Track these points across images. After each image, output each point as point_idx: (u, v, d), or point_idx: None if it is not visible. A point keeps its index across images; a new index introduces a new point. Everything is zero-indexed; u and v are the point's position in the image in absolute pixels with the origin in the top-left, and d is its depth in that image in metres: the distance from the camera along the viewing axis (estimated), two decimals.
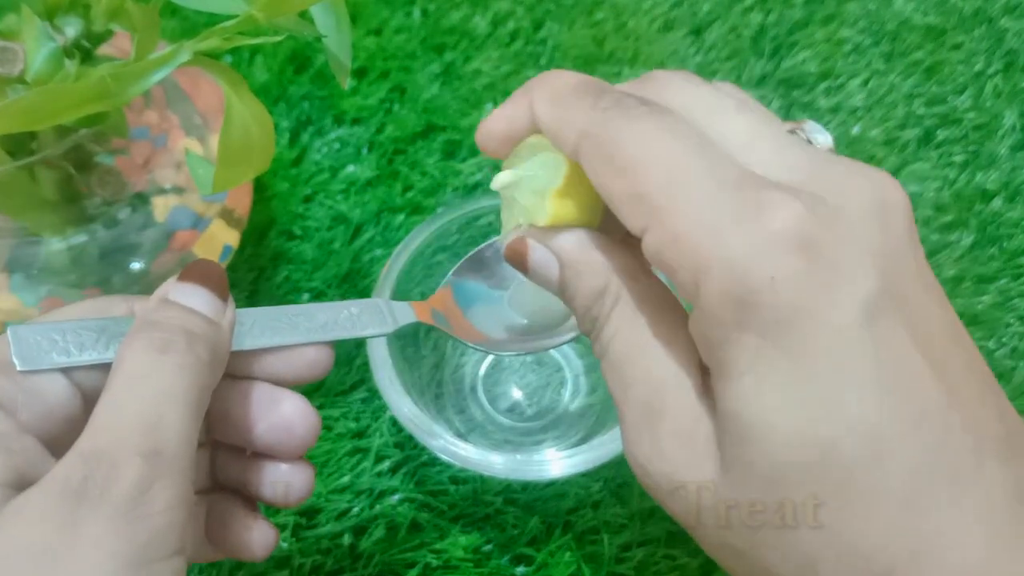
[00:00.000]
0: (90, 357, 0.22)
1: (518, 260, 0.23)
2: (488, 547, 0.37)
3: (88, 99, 0.27)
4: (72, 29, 0.31)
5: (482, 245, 0.31)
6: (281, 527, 0.37)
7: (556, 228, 0.22)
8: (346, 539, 0.37)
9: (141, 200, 0.37)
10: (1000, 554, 0.17)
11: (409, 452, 0.39)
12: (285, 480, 0.26)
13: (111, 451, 0.20)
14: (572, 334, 0.29)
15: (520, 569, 0.37)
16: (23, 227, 0.35)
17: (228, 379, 0.25)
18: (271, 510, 0.37)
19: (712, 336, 0.19)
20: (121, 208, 0.36)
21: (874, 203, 0.19)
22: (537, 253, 0.23)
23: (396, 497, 0.38)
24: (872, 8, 0.55)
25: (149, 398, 0.21)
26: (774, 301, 0.17)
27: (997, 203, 0.47)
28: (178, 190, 0.38)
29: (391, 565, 0.36)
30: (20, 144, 0.32)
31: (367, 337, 0.28)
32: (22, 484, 0.20)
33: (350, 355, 0.41)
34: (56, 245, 0.35)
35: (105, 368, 0.22)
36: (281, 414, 0.25)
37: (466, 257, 0.30)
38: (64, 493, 0.19)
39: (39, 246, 0.35)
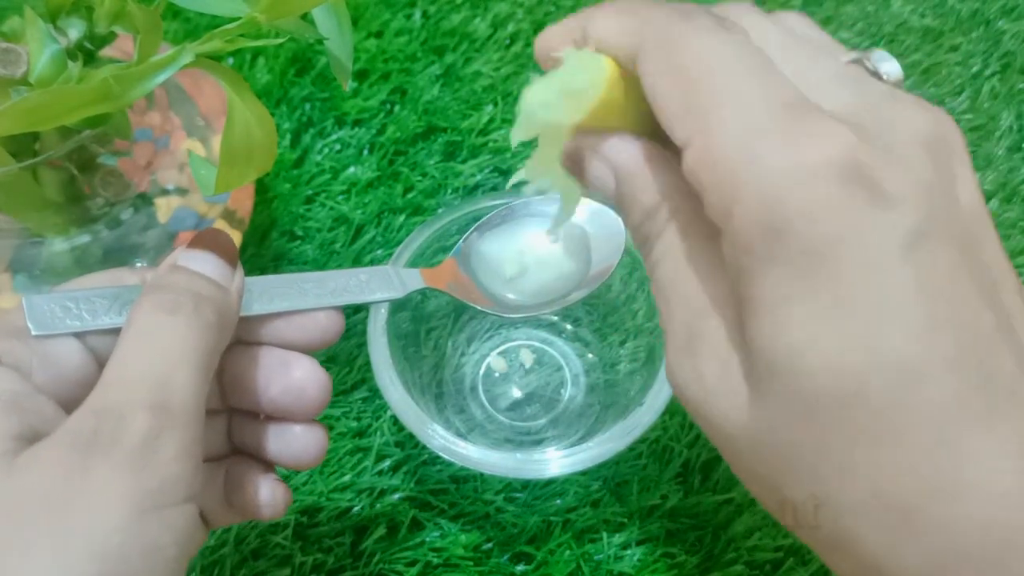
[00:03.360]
0: (102, 323, 0.23)
1: (575, 168, 0.23)
2: (488, 545, 0.37)
3: (91, 101, 0.27)
4: (75, 31, 0.31)
5: (487, 216, 0.31)
6: (282, 526, 0.37)
7: (608, 134, 0.22)
8: (347, 537, 0.37)
9: (144, 201, 0.37)
10: None
11: (410, 451, 0.39)
12: (299, 442, 0.27)
13: (120, 405, 0.20)
14: (575, 297, 0.29)
15: (520, 567, 0.37)
16: (26, 228, 0.35)
17: (241, 345, 0.26)
18: None
19: (741, 266, 0.18)
20: (124, 209, 0.36)
21: (927, 137, 0.19)
22: (594, 167, 0.22)
23: (397, 496, 0.38)
24: (870, 10, 0.55)
25: (157, 356, 0.21)
26: (809, 231, 0.17)
27: (994, 204, 0.47)
28: (181, 191, 0.38)
29: (392, 563, 0.37)
30: (23, 145, 0.32)
31: (377, 301, 0.28)
32: (36, 440, 0.20)
33: (351, 355, 0.42)
34: (59, 246, 0.35)
35: (118, 333, 0.22)
36: (293, 377, 0.26)
37: (473, 228, 0.31)
38: (75, 443, 0.19)
39: (42, 247, 0.35)
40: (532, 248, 0.30)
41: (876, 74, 0.21)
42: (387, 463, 0.39)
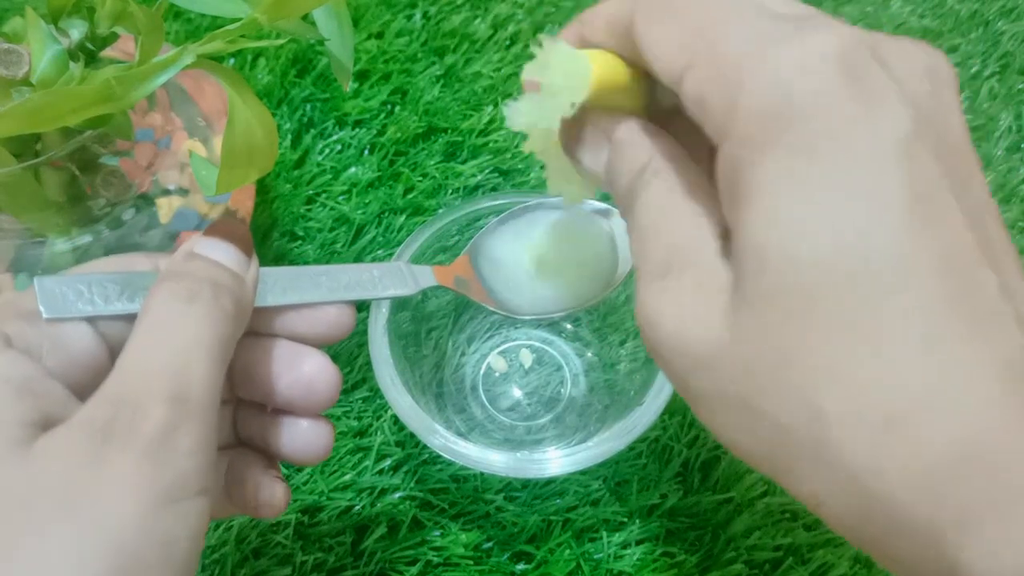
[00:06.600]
0: (115, 308, 0.23)
1: (570, 139, 0.23)
2: (488, 544, 0.37)
3: (92, 101, 0.27)
4: (76, 32, 0.31)
5: (500, 216, 0.31)
6: (283, 525, 0.37)
7: (605, 112, 0.23)
8: (348, 537, 0.37)
9: (145, 201, 0.37)
10: (1012, 399, 0.16)
11: (410, 450, 0.39)
12: (304, 436, 0.26)
13: (137, 395, 0.20)
14: (602, 297, 0.29)
15: (520, 566, 0.37)
16: (28, 228, 0.35)
17: (252, 336, 0.26)
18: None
19: (738, 162, 0.18)
20: (125, 209, 0.36)
21: (924, 62, 0.19)
22: (591, 134, 0.23)
23: (397, 495, 0.38)
24: (869, 11, 0.55)
25: (175, 345, 0.21)
26: (811, 116, 0.17)
27: None
28: (182, 191, 0.38)
29: (392, 562, 0.37)
30: (25, 145, 0.32)
31: (389, 297, 0.28)
32: (48, 426, 0.20)
33: (352, 354, 0.42)
34: (61, 246, 0.36)
35: (130, 319, 0.22)
36: (302, 371, 0.26)
37: (485, 227, 0.31)
38: (91, 433, 0.19)
39: (44, 247, 0.35)
40: (554, 250, 0.30)
41: None
42: (388, 462, 0.39)
